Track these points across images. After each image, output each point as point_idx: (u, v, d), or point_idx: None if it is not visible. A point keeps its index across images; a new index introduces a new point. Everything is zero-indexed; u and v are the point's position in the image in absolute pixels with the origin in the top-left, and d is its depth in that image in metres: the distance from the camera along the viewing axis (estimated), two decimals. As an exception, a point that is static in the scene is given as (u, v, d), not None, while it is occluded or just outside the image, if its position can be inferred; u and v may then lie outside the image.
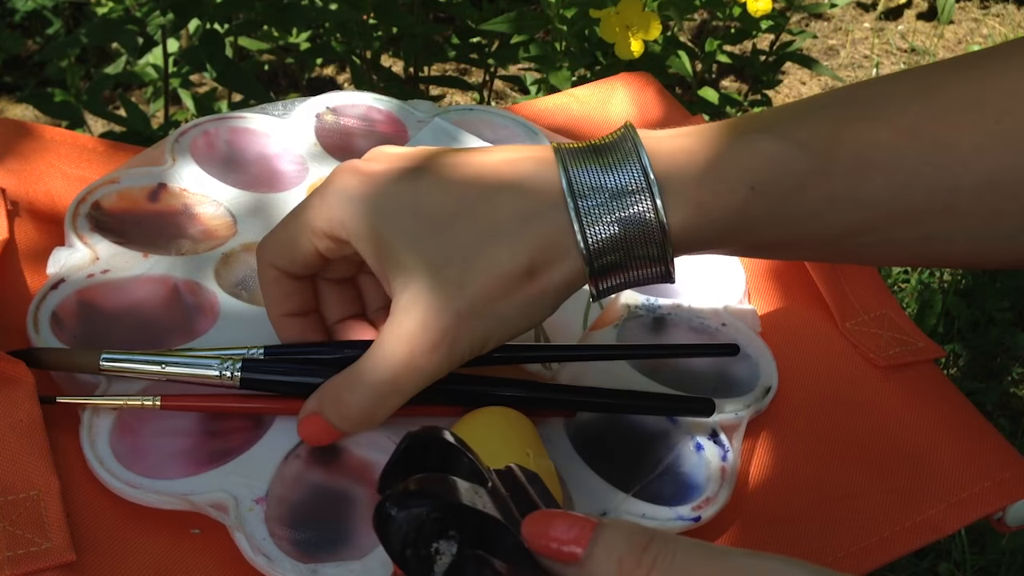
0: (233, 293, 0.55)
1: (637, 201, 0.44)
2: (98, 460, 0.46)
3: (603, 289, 0.46)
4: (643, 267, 0.45)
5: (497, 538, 0.32)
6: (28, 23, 1.68)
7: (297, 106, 0.66)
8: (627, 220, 0.44)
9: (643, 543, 0.32)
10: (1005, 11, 2.09)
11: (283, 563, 0.44)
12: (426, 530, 0.31)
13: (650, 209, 0.44)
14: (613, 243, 0.44)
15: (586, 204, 0.44)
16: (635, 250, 0.44)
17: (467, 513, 0.32)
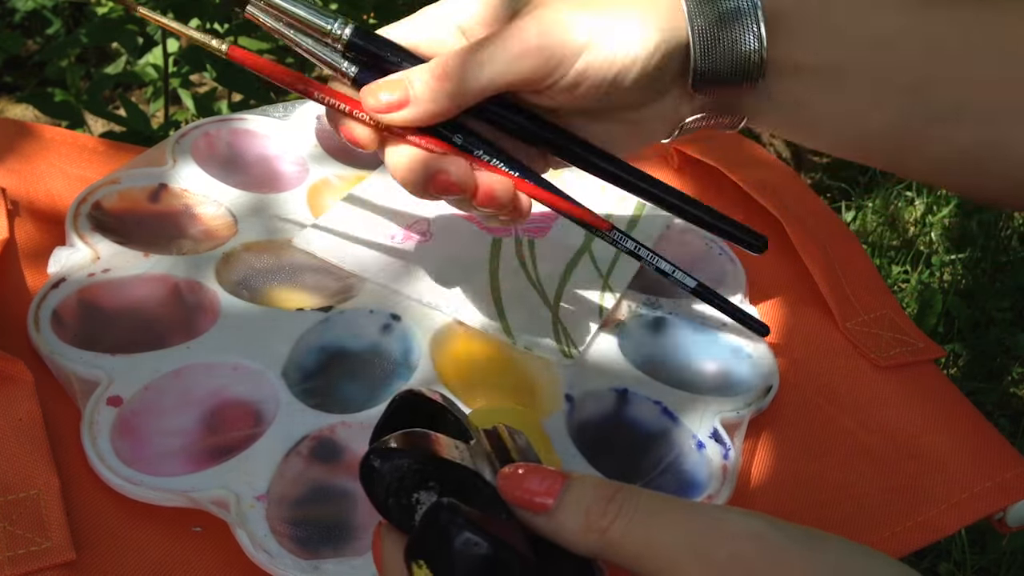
0: (234, 292, 0.55)
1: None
2: (99, 457, 0.46)
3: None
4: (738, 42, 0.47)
5: (475, 490, 0.34)
6: (28, 23, 1.68)
7: (297, 108, 0.67)
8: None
9: (609, 494, 0.33)
10: (1005, 11, 2.08)
11: (284, 559, 0.44)
12: (407, 481, 0.33)
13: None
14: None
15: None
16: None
17: (446, 466, 0.33)
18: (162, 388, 0.50)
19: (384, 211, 0.61)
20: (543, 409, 0.52)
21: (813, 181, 1.82)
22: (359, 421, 0.50)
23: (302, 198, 0.61)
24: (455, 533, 0.31)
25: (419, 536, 0.32)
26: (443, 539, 0.31)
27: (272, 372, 0.51)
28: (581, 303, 0.57)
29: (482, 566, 0.31)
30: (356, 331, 0.54)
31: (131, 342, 0.51)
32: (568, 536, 0.33)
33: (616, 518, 0.33)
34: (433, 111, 0.46)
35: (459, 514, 0.32)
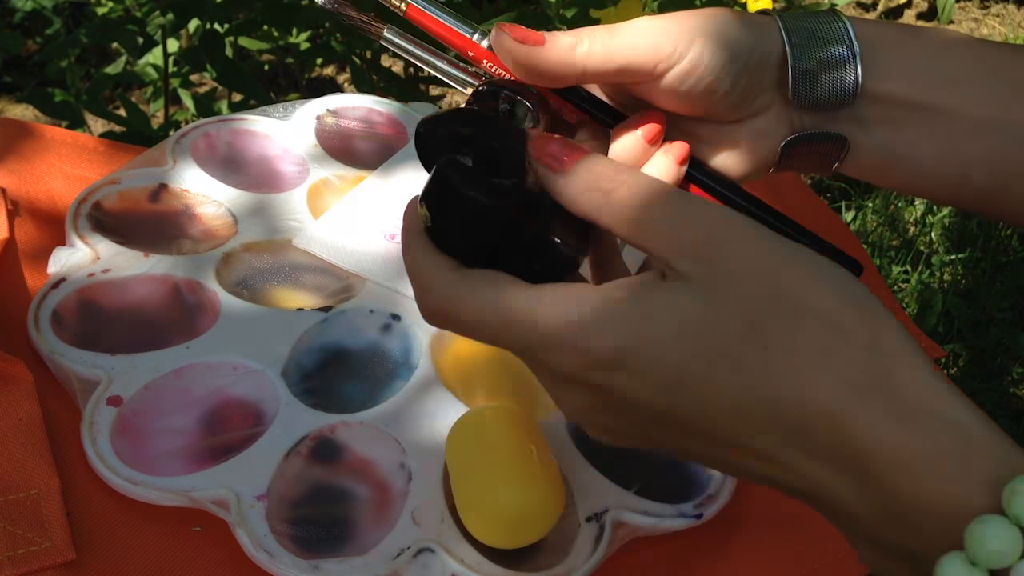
0: (234, 292, 0.55)
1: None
2: (99, 457, 0.46)
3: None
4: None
5: (505, 158, 0.40)
6: (28, 23, 1.68)
7: (298, 108, 0.67)
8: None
9: (620, 167, 0.39)
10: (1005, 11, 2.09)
11: (284, 559, 0.44)
12: (447, 144, 0.40)
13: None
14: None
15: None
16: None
17: (482, 132, 0.40)
18: (162, 388, 0.50)
19: (384, 211, 0.61)
20: (543, 408, 0.52)
21: (813, 181, 1.83)
22: (359, 421, 0.50)
23: (302, 198, 0.61)
24: (451, 182, 0.38)
25: (428, 184, 0.38)
26: (441, 186, 0.38)
27: (272, 372, 0.51)
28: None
29: (465, 212, 0.38)
30: (356, 331, 0.54)
31: (131, 342, 0.51)
32: (573, 192, 0.39)
33: (621, 184, 0.38)
34: (564, 62, 0.48)
35: (457, 169, 0.38)
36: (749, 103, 0.51)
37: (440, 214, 0.38)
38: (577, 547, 0.46)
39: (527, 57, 0.47)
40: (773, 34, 0.50)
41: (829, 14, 0.52)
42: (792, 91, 0.51)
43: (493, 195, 0.38)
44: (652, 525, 0.48)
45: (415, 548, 0.45)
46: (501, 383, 0.53)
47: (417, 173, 0.64)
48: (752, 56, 0.50)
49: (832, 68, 0.51)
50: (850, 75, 0.51)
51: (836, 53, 0.51)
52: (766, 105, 0.51)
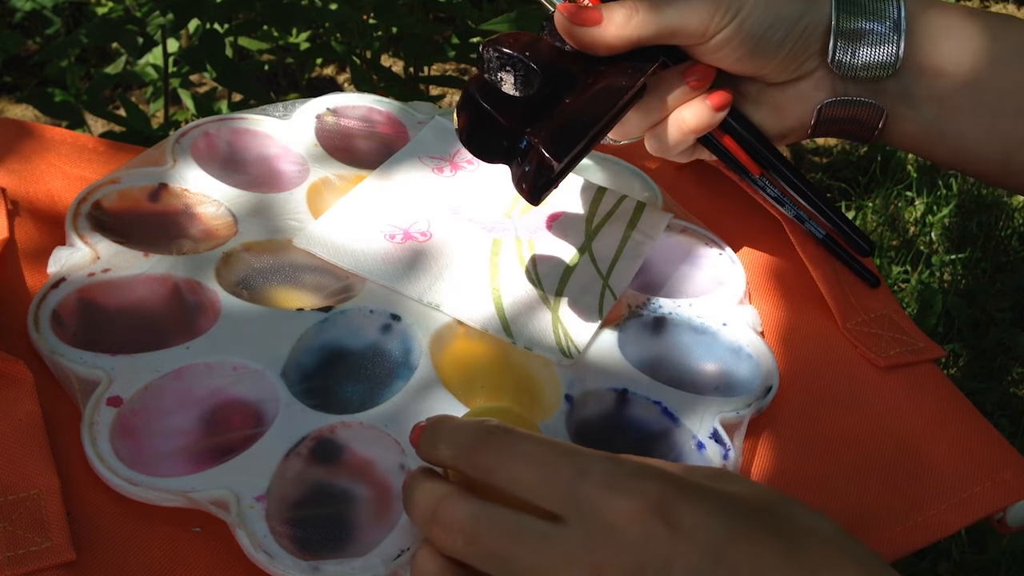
0: (234, 292, 0.55)
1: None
2: (99, 457, 0.46)
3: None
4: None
5: (524, 75, 0.53)
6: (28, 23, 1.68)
7: (298, 107, 0.67)
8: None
9: None
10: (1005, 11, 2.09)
11: (284, 560, 0.44)
12: (493, 63, 0.53)
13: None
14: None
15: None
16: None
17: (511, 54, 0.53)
18: (162, 388, 0.50)
19: (384, 211, 0.61)
20: (543, 409, 0.52)
21: (813, 181, 1.83)
22: (359, 421, 0.50)
23: (302, 198, 0.61)
24: (468, 92, 0.50)
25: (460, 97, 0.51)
26: (464, 97, 0.50)
27: (272, 372, 0.51)
28: (581, 303, 0.57)
29: (472, 115, 0.50)
30: (356, 331, 0.54)
31: (131, 342, 0.51)
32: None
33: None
34: (619, 36, 0.53)
35: (476, 83, 0.50)
36: (795, 67, 0.54)
37: (462, 117, 0.50)
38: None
39: (587, 35, 0.52)
40: (824, 3, 0.53)
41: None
42: (831, 58, 0.53)
43: (494, 104, 0.50)
44: None
45: (415, 549, 0.45)
46: (501, 383, 0.53)
47: (416, 172, 0.64)
48: (799, 23, 0.53)
49: (873, 40, 0.53)
50: (890, 49, 0.53)
51: (879, 27, 0.52)
52: (811, 70, 0.54)
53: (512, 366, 0.54)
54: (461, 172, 0.64)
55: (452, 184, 0.63)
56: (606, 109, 0.52)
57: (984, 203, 1.75)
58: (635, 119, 0.57)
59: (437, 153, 0.65)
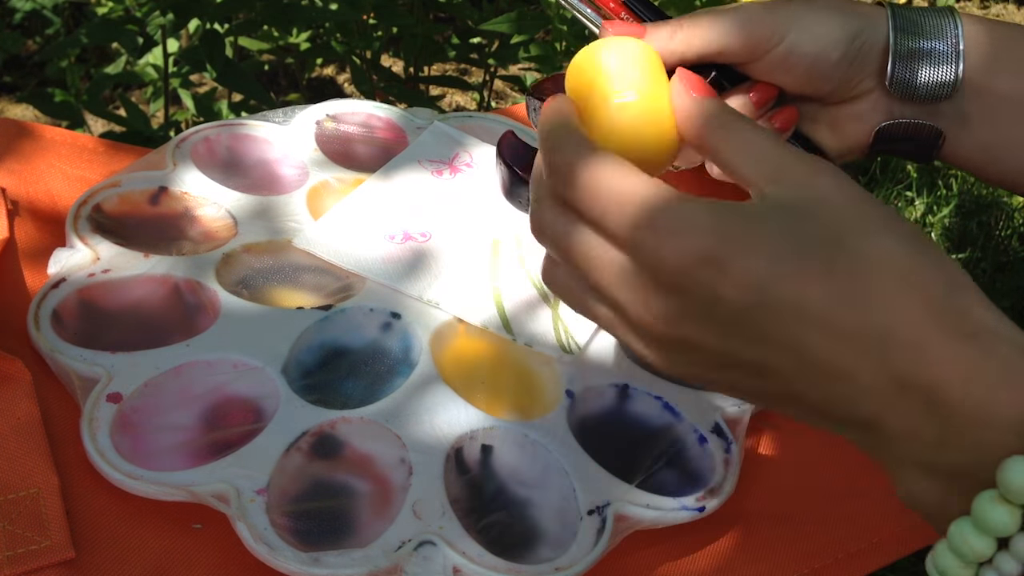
0: (234, 292, 0.55)
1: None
2: (99, 453, 0.46)
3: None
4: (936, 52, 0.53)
5: None
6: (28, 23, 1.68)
7: (297, 113, 0.67)
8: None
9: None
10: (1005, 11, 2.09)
11: (284, 552, 0.44)
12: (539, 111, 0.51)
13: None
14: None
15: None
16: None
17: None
18: (162, 385, 0.50)
19: (384, 212, 0.61)
20: (544, 404, 0.52)
21: (813, 181, 1.82)
22: (359, 416, 0.50)
23: (302, 200, 0.61)
24: (498, 148, 0.49)
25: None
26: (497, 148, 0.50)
27: (272, 369, 0.51)
28: None
29: (503, 172, 0.49)
30: (356, 329, 0.54)
31: (131, 341, 0.52)
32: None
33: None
34: (663, 53, 0.51)
35: (507, 139, 0.50)
36: (850, 87, 0.54)
37: (498, 173, 0.50)
38: (579, 540, 0.47)
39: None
40: (881, 23, 0.52)
41: (943, 10, 0.53)
42: (890, 78, 0.53)
43: (519, 162, 0.49)
44: (654, 518, 0.48)
45: (416, 541, 0.45)
46: (502, 380, 0.53)
47: (416, 175, 0.64)
48: (855, 42, 0.52)
49: (932, 61, 0.52)
50: (950, 70, 0.52)
51: (939, 47, 0.52)
52: (867, 90, 0.54)
53: (512, 362, 0.54)
54: (460, 175, 0.64)
55: (452, 186, 0.63)
56: None
57: (984, 203, 1.75)
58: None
59: (436, 156, 0.65)
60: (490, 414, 0.51)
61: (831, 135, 0.57)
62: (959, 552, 0.35)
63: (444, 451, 0.49)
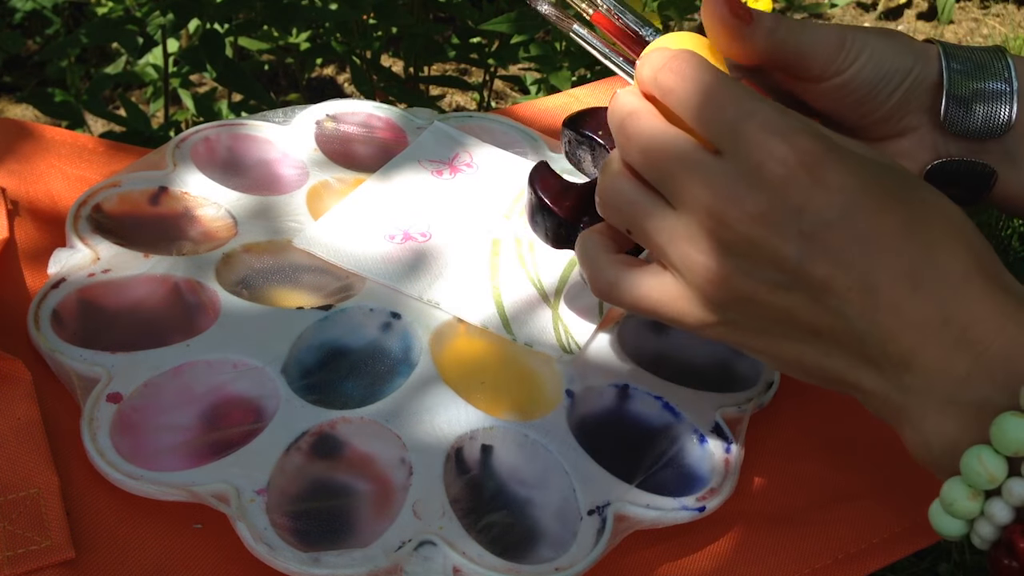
0: (234, 291, 0.55)
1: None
2: (99, 453, 0.46)
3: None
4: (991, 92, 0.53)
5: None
6: (28, 23, 1.68)
7: (297, 113, 0.67)
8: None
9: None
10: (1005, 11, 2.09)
11: (284, 552, 0.44)
12: (574, 143, 0.53)
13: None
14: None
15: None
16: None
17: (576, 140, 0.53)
18: (162, 385, 0.50)
19: (384, 212, 0.61)
20: (544, 404, 0.52)
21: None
22: (360, 416, 0.50)
23: (302, 200, 0.61)
24: (529, 179, 0.52)
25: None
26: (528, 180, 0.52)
27: (272, 369, 0.51)
28: (581, 300, 0.57)
29: (531, 200, 0.52)
30: (356, 329, 0.54)
31: (131, 340, 0.52)
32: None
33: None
34: (765, 40, 0.51)
35: (537, 170, 0.52)
36: (896, 121, 0.53)
37: (528, 202, 0.52)
38: (579, 540, 0.47)
39: (735, 28, 0.50)
40: (932, 61, 0.52)
41: (993, 49, 0.53)
42: (944, 115, 0.52)
43: (550, 193, 0.51)
44: (654, 518, 0.48)
45: (416, 540, 0.45)
46: (502, 379, 0.53)
47: (416, 175, 0.64)
48: (908, 77, 0.52)
49: (988, 100, 0.52)
50: (1005, 110, 0.52)
51: (994, 86, 0.52)
52: (913, 127, 0.54)
53: (513, 362, 0.54)
54: (460, 175, 0.64)
55: (452, 187, 0.63)
56: None
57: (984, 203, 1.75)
58: None
59: (436, 157, 0.65)
60: (490, 414, 0.51)
61: None
62: (972, 476, 0.38)
63: (444, 451, 0.49)
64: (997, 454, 0.38)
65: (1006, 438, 0.37)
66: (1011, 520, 0.38)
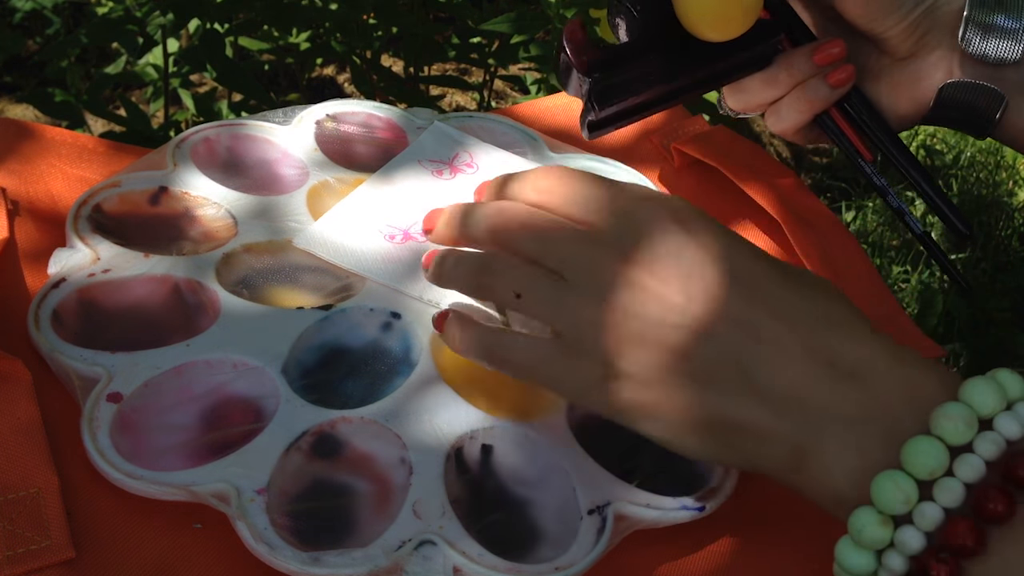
0: (234, 292, 0.55)
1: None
2: (99, 452, 0.46)
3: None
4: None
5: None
6: (28, 23, 1.68)
7: (297, 113, 0.67)
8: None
9: None
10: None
11: (284, 552, 0.44)
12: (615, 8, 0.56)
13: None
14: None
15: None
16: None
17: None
18: (162, 385, 0.50)
19: (385, 212, 0.61)
20: (544, 404, 0.52)
21: (813, 181, 1.83)
22: (359, 416, 0.50)
23: (302, 200, 0.61)
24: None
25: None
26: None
27: (272, 369, 0.51)
28: None
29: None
30: (356, 329, 0.54)
31: (131, 340, 0.52)
32: None
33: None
34: None
35: (572, 24, 0.54)
36: (919, 36, 0.55)
37: (558, 56, 0.55)
38: (579, 540, 0.47)
39: None
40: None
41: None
42: (962, 36, 0.54)
43: (574, 46, 0.54)
44: (654, 518, 0.48)
45: (416, 540, 0.45)
46: (502, 379, 0.53)
47: (416, 175, 0.64)
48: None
49: (1005, 30, 0.54)
50: (1018, 47, 0.54)
51: (1010, 24, 0.54)
52: (934, 45, 0.55)
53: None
54: (460, 175, 0.64)
55: (452, 187, 0.63)
56: (670, 77, 0.55)
57: (984, 203, 1.75)
58: (758, 93, 0.58)
59: (437, 157, 0.65)
60: (490, 414, 0.51)
61: (891, 94, 0.57)
62: (885, 500, 0.38)
63: (444, 451, 0.49)
64: (909, 477, 0.37)
65: (919, 461, 0.37)
66: (922, 548, 0.38)
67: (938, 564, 0.37)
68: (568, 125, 0.72)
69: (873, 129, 0.58)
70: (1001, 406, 0.38)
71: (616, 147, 0.70)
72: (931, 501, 0.37)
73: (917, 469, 0.37)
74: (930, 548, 0.38)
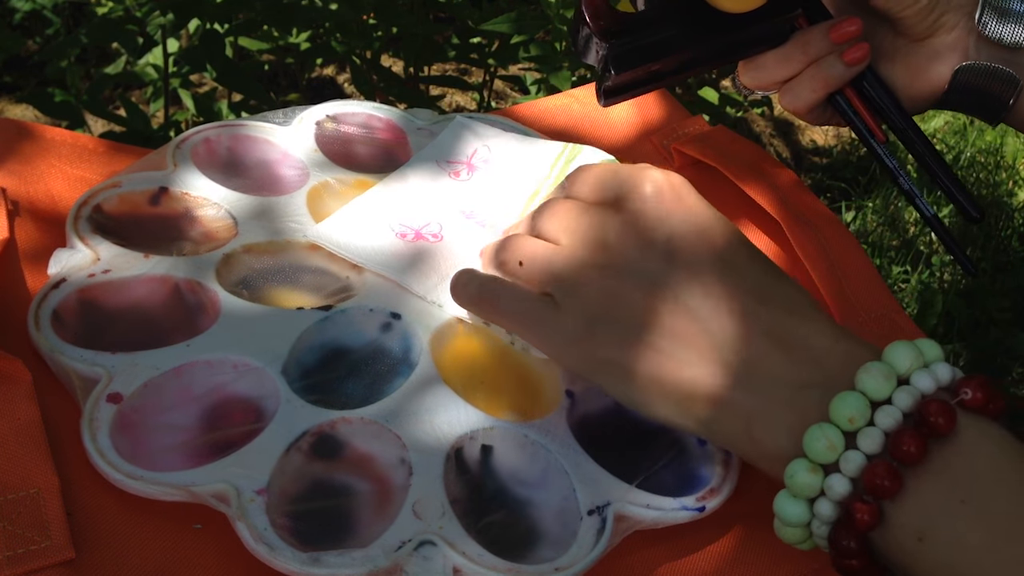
0: (234, 292, 0.55)
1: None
2: (99, 453, 0.46)
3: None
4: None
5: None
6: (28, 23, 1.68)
7: (297, 114, 0.67)
8: None
9: None
10: None
11: (284, 552, 0.44)
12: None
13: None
14: None
15: None
16: None
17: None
18: (162, 385, 0.50)
19: (397, 211, 0.61)
20: (544, 404, 0.52)
21: (813, 181, 1.83)
22: (359, 417, 0.50)
23: (302, 201, 0.61)
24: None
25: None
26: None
27: (272, 369, 0.51)
28: None
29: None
30: (356, 329, 0.54)
31: (131, 341, 0.52)
32: None
33: None
34: None
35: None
36: (936, 17, 0.55)
37: (573, 18, 0.56)
38: (579, 540, 0.47)
39: None
40: None
41: None
42: (979, 18, 0.54)
43: (590, 8, 0.54)
44: (654, 518, 0.48)
45: (416, 541, 0.45)
46: (502, 379, 0.53)
47: (433, 176, 0.64)
48: None
49: (1018, 18, 0.54)
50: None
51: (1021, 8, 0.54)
52: (950, 26, 0.55)
53: (513, 362, 0.54)
54: (477, 173, 0.64)
55: (467, 188, 0.63)
56: (687, 46, 0.56)
57: (984, 203, 1.76)
58: (773, 70, 0.59)
59: (455, 157, 0.65)
60: (490, 414, 0.51)
61: (907, 75, 0.58)
62: (814, 449, 0.41)
63: (444, 451, 0.49)
64: (835, 427, 0.41)
65: (843, 412, 0.41)
66: (848, 492, 0.41)
67: (861, 504, 0.40)
68: (568, 125, 0.72)
69: (887, 109, 0.58)
70: (918, 364, 0.42)
71: (616, 147, 0.70)
72: (855, 449, 0.41)
73: (841, 419, 0.41)
74: (855, 493, 0.41)
